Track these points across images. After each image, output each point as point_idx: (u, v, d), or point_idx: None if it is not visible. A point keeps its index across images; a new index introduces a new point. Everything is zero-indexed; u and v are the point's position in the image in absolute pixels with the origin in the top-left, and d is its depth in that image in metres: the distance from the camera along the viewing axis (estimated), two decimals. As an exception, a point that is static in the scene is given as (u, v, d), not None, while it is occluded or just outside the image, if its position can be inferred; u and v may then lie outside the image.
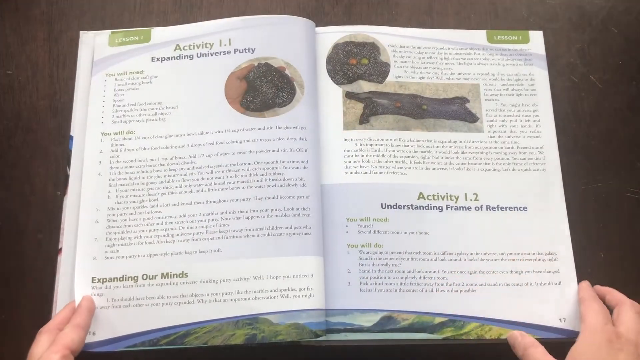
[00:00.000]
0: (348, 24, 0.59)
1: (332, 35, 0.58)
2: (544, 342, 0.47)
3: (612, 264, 0.53)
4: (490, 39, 0.58)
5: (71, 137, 0.54)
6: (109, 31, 0.57)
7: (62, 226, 0.52)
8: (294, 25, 0.56)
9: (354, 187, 0.52)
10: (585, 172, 0.55)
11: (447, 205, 0.52)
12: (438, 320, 0.48)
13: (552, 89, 0.57)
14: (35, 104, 0.57)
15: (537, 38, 0.58)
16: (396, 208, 0.52)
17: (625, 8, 0.61)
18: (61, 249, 0.51)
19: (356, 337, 0.48)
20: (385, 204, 0.52)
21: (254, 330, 0.46)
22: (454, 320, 0.49)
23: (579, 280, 0.50)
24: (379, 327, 0.48)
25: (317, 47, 0.56)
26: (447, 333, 0.48)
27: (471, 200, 0.52)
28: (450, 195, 0.52)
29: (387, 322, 0.48)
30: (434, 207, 0.52)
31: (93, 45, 0.57)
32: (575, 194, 0.54)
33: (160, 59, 0.56)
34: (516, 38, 0.58)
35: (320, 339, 0.47)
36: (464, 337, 0.48)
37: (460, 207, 0.52)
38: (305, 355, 0.50)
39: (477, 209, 0.52)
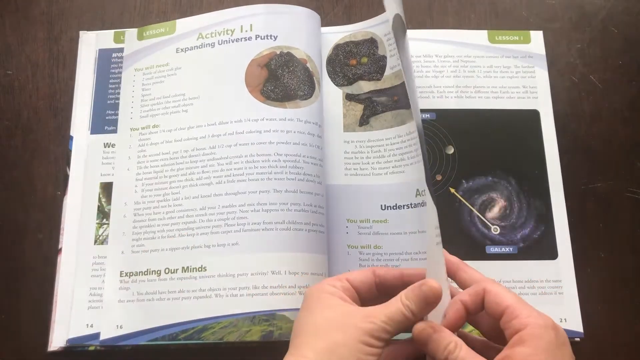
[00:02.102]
0: (348, 24, 0.59)
1: (332, 35, 0.58)
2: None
3: (612, 264, 0.53)
4: (491, 39, 0.58)
5: (71, 137, 0.54)
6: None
7: (62, 226, 0.52)
8: (313, 20, 0.56)
9: (353, 189, 0.52)
10: (585, 172, 0.55)
11: None
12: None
13: (552, 89, 0.57)
14: (35, 104, 0.57)
15: (537, 38, 0.58)
16: (396, 209, 0.52)
17: (625, 8, 0.61)
18: (61, 249, 0.51)
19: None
20: (385, 206, 0.52)
21: (271, 327, 0.46)
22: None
23: (578, 281, 0.50)
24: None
25: (320, 48, 0.57)
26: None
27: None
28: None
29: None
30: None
31: (96, 45, 0.57)
32: (575, 194, 0.54)
33: (184, 50, 0.56)
34: (517, 38, 0.58)
35: None
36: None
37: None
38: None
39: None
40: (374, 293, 0.39)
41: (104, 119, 0.55)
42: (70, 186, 0.53)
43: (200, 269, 0.49)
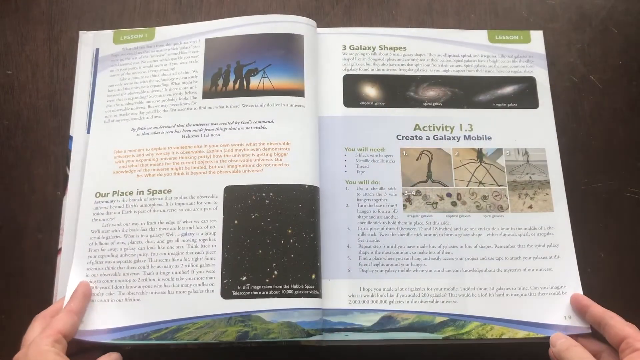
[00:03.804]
0: (348, 25, 0.59)
1: (334, 36, 0.58)
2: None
3: (612, 264, 0.53)
4: (491, 39, 0.58)
5: (71, 137, 0.54)
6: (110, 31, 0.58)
7: (61, 226, 0.52)
8: (294, 26, 0.56)
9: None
10: (585, 172, 0.55)
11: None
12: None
13: (552, 89, 0.57)
14: (35, 104, 0.57)
15: (537, 38, 0.58)
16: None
17: (625, 8, 0.61)
18: (61, 249, 0.51)
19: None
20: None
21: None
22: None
23: (582, 280, 0.50)
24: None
25: (319, 49, 0.56)
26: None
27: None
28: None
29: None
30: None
31: (93, 45, 0.57)
32: (575, 194, 0.54)
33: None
34: (517, 38, 0.58)
35: (313, 338, 0.47)
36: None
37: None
38: (306, 355, 0.50)
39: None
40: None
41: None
42: (70, 186, 0.53)
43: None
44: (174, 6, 0.60)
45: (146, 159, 0.52)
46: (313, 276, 0.48)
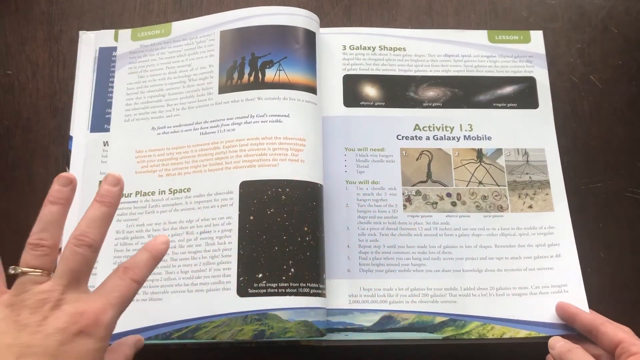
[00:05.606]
0: (348, 25, 0.59)
1: (334, 36, 0.58)
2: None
3: (612, 264, 0.53)
4: (491, 39, 0.58)
5: (71, 137, 0.54)
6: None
7: (62, 226, 0.52)
8: (306, 21, 0.55)
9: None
10: (585, 172, 0.55)
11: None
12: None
13: (552, 89, 0.57)
14: (35, 104, 0.57)
15: (537, 38, 0.58)
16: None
17: (625, 8, 0.61)
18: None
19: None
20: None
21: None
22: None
23: (582, 280, 0.50)
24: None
25: (320, 48, 0.56)
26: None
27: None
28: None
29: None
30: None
31: (95, 44, 0.58)
32: (575, 194, 0.54)
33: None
34: (517, 38, 0.58)
35: (322, 338, 0.47)
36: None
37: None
38: (306, 355, 0.50)
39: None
40: None
41: (104, 117, 0.55)
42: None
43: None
44: (173, 6, 0.60)
45: (167, 158, 0.53)
46: (324, 275, 0.48)
